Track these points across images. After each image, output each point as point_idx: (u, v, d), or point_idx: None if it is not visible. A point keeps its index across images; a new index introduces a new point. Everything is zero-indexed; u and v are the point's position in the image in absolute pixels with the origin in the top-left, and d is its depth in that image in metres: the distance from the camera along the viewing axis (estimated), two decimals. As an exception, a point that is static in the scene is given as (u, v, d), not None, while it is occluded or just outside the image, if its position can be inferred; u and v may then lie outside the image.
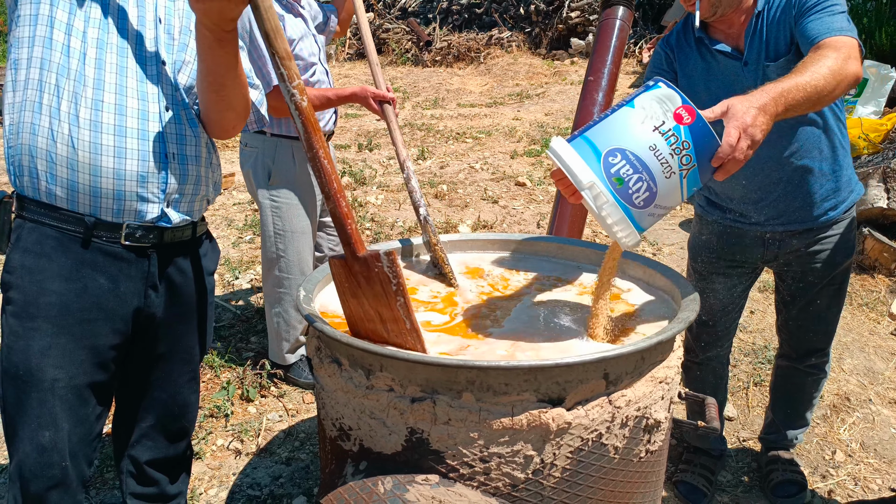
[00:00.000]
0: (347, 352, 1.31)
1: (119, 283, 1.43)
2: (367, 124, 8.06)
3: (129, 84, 1.36)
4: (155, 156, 1.38)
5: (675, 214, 5.10)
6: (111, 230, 1.39)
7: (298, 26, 2.51)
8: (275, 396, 2.81)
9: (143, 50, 1.39)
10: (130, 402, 1.64)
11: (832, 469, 2.40)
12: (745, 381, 2.94)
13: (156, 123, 1.39)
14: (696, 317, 1.34)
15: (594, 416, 1.20)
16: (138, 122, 1.37)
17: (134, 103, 1.36)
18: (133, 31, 1.37)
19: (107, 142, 1.34)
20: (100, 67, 1.33)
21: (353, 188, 5.60)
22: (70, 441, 1.41)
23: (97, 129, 1.33)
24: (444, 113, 8.57)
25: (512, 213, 5.09)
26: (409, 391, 1.22)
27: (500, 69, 10.51)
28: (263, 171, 2.59)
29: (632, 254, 1.77)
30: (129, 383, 1.61)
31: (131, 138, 1.36)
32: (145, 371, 1.60)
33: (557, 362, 1.14)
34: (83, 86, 1.32)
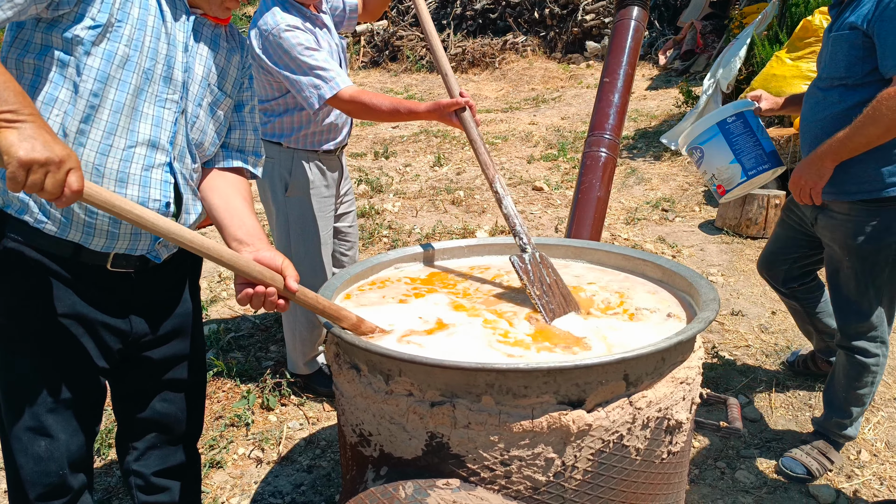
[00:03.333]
0: (366, 357, 1.32)
1: (104, 299, 1.43)
2: (382, 132, 8.11)
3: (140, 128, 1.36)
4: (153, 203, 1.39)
5: (695, 216, 5.06)
6: (98, 257, 1.40)
7: (324, 39, 2.51)
8: (295, 405, 2.83)
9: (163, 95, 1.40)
10: (131, 417, 1.63)
11: (857, 469, 2.37)
12: (767, 382, 2.91)
13: (159, 171, 1.40)
14: (716, 316, 1.33)
15: (615, 417, 1.20)
16: (142, 168, 1.37)
17: (142, 150, 1.37)
18: (154, 75, 1.37)
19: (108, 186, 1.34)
20: (116, 110, 1.33)
21: (370, 196, 5.64)
22: (69, 450, 1.44)
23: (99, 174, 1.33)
24: (459, 119, 8.57)
25: (530, 218, 5.09)
26: (429, 395, 1.23)
27: (516, 74, 10.52)
28: (280, 183, 2.61)
29: (650, 255, 1.77)
30: (128, 397, 1.61)
31: (132, 185, 1.36)
32: (143, 384, 1.60)
33: (577, 364, 1.14)
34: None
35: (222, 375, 2.97)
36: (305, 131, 2.55)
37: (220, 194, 1.52)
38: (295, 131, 2.55)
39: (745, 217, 4.57)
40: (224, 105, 1.53)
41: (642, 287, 1.71)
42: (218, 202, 1.51)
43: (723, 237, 4.62)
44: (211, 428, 2.66)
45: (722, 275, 4.05)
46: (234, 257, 1.27)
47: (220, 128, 1.54)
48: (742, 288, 3.87)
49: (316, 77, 2.30)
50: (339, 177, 2.77)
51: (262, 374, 2.94)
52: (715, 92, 6.24)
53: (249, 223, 1.46)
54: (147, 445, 1.65)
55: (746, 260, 4.25)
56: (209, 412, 2.75)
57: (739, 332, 3.36)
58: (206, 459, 2.45)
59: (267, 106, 2.56)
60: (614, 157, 2.44)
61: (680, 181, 5.79)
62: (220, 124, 1.54)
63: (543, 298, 1.59)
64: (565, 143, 7.00)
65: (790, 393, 2.83)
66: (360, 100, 2.28)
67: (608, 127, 2.44)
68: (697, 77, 8.41)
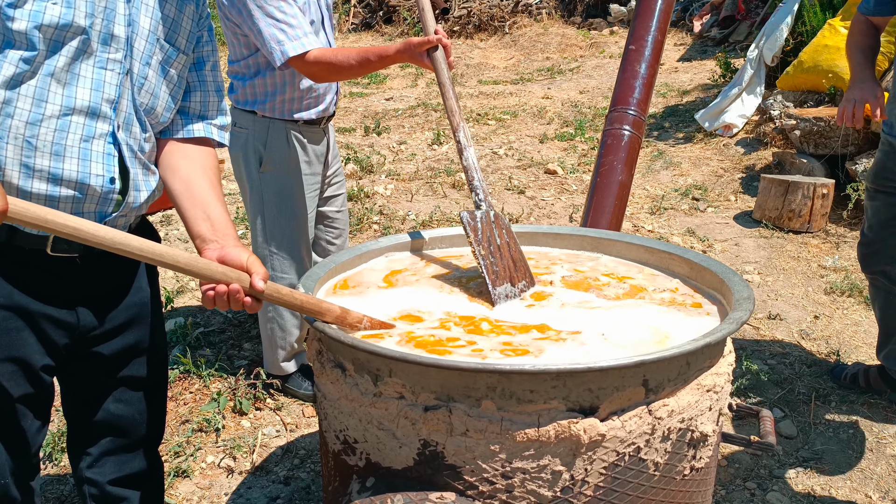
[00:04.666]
0: (352, 355, 1.34)
1: (47, 288, 1.43)
2: (374, 104, 8.11)
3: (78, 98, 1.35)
4: (96, 178, 1.39)
5: (730, 206, 5.08)
6: (35, 241, 1.40)
7: None
8: (271, 409, 2.85)
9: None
10: (83, 419, 1.64)
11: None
12: (806, 394, 2.93)
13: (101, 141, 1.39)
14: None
15: (631, 427, 1.22)
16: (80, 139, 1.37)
17: (80, 118, 1.36)
18: (92, 32, 1.36)
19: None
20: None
21: (359, 177, 5.65)
22: (10, 457, 1.45)
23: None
24: (462, 91, 8.59)
25: (541, 205, 5.10)
26: (422, 398, 1.25)
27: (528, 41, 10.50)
28: (254, 156, 2.61)
29: (678, 248, 1.79)
30: (78, 397, 1.62)
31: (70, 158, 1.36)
32: (94, 382, 1.60)
33: (590, 366, 1.16)
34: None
35: (190, 375, 2.99)
36: (282, 97, 2.56)
37: (182, 177, 1.51)
38: (269, 97, 2.55)
39: (788, 208, 4.59)
40: (178, 63, 1.51)
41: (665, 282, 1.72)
42: (179, 188, 1.50)
43: (761, 231, 4.64)
44: (176, 433, 2.68)
45: (759, 273, 4.07)
46: (192, 261, 1.25)
47: (175, 90, 1.52)
48: (781, 289, 3.89)
49: (281, 32, 2.32)
50: (324, 152, 2.78)
51: (235, 375, 2.97)
52: (758, 65, 6.24)
53: (215, 214, 1.46)
54: (102, 451, 1.66)
55: (787, 257, 4.27)
56: (175, 415, 2.77)
57: (777, 338, 3.39)
58: (171, 468, 2.47)
59: (237, 68, 2.58)
60: (639, 137, 2.45)
61: (714, 166, 5.80)
62: (175, 85, 1.52)
63: (488, 259, 1.65)
64: (583, 121, 7.01)
65: (833, 408, 2.85)
66: (324, 59, 2.33)
67: (633, 101, 2.44)
68: (738, 47, 8.40)
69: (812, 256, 4.28)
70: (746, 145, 5.97)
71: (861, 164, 4.68)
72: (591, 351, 1.33)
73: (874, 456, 2.59)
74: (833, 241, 4.46)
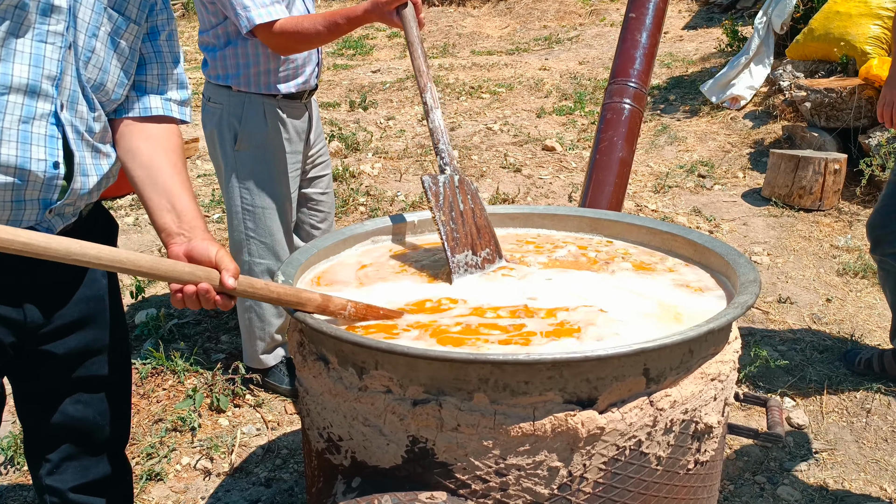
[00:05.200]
0: (336, 346, 1.34)
1: None
2: (360, 76, 8.06)
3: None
4: (38, 162, 1.34)
5: (738, 184, 5.09)
6: None
7: None
8: (251, 406, 2.85)
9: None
10: (40, 423, 1.61)
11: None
12: (818, 381, 2.95)
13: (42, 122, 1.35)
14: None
15: (632, 419, 1.23)
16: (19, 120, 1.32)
17: (18, 97, 1.31)
18: (28, 4, 1.31)
19: None
20: None
21: (344, 156, 5.63)
22: None
23: None
24: (454, 62, 8.55)
25: (538, 184, 5.10)
26: (410, 392, 1.25)
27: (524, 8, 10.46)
28: (229, 132, 2.60)
29: (682, 228, 1.79)
30: (33, 400, 1.59)
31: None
32: (49, 383, 1.58)
33: (587, 355, 1.16)
34: None
35: (163, 370, 2.99)
36: (256, 69, 2.54)
37: (143, 162, 1.47)
38: (242, 69, 2.54)
39: (798, 185, 4.60)
40: (129, 33, 1.46)
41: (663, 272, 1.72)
42: (140, 175, 1.46)
43: (771, 209, 4.65)
44: (149, 433, 2.68)
45: (768, 254, 4.09)
46: (155, 264, 1.22)
47: (128, 63, 1.48)
48: (792, 270, 3.91)
49: None
50: (306, 129, 2.77)
51: (212, 369, 2.97)
52: (767, 33, 6.23)
53: (181, 204, 1.43)
54: (62, 456, 1.63)
55: (798, 237, 4.29)
56: (147, 414, 2.77)
57: (787, 323, 3.41)
58: (143, 470, 2.48)
59: (207, 38, 2.56)
60: (640, 111, 2.45)
61: (721, 141, 5.80)
62: (127, 58, 1.47)
63: (448, 225, 1.67)
64: (583, 94, 6.99)
65: (845, 396, 2.87)
66: (289, 29, 2.34)
67: (634, 73, 2.44)
68: (745, 14, 8.39)
69: (824, 236, 4.30)
70: (755, 118, 5.98)
71: (875, 138, 4.69)
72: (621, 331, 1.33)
73: (890, 446, 2.62)
74: (846, 219, 4.48)
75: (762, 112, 6.00)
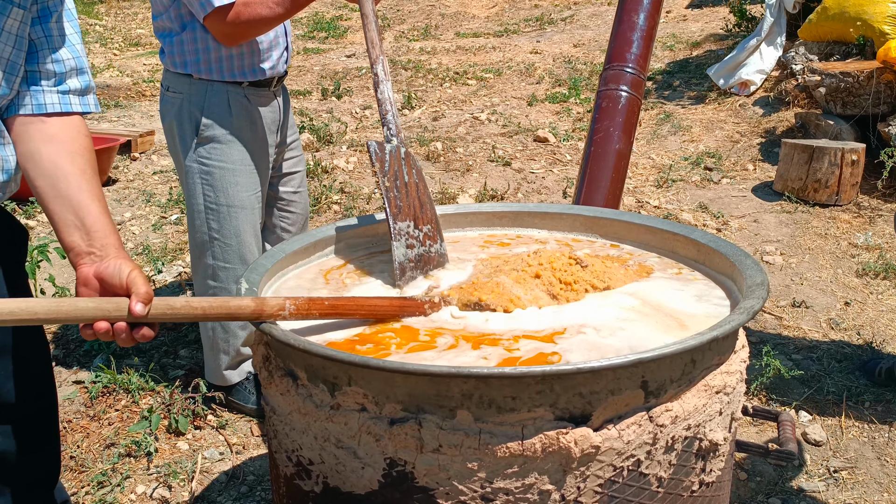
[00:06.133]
0: (305, 361, 1.34)
1: None
2: (332, 62, 8.06)
3: None
4: None
5: (748, 177, 5.13)
6: None
7: None
8: (213, 428, 2.84)
9: None
10: None
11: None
12: (836, 393, 2.98)
13: None
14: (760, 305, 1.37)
15: (630, 437, 1.24)
16: None
17: None
18: None
19: None
20: None
21: (316, 149, 5.63)
22: None
23: None
24: (437, 46, 8.56)
25: (529, 179, 5.12)
26: (387, 410, 1.25)
27: (512, -15, 10.49)
28: (190, 124, 2.60)
29: (683, 227, 1.80)
30: None
31: None
32: None
33: (580, 367, 1.17)
34: None
35: (115, 389, 2.98)
36: (217, 53, 2.55)
37: (45, 170, 1.41)
38: (202, 54, 2.55)
39: (813, 178, 4.65)
40: (13, 18, 1.40)
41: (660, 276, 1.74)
42: (43, 185, 1.40)
43: (783, 204, 4.69)
44: (100, 459, 2.67)
45: (781, 254, 4.13)
46: (53, 309, 1.16)
47: (14, 52, 1.43)
48: (807, 271, 3.95)
49: None
50: (277, 119, 2.78)
51: (170, 388, 2.95)
52: (778, 13, 6.29)
53: (90, 219, 1.37)
54: None
55: (814, 234, 4.33)
56: (97, 438, 2.76)
57: (801, 329, 3.44)
58: (94, 501, 2.46)
59: (162, 23, 2.57)
60: (638, 98, 2.47)
61: (729, 130, 5.85)
62: (12, 47, 1.42)
63: (392, 192, 1.74)
64: (578, 80, 7.03)
65: (866, 408, 2.91)
66: (244, 17, 2.36)
67: (630, 57, 2.45)
68: (754, -9, 8.44)
69: (841, 233, 4.35)
70: (766, 105, 6.03)
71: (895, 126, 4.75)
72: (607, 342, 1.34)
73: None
74: (865, 215, 4.53)
75: (773, 98, 6.06)
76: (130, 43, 10.13)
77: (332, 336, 1.45)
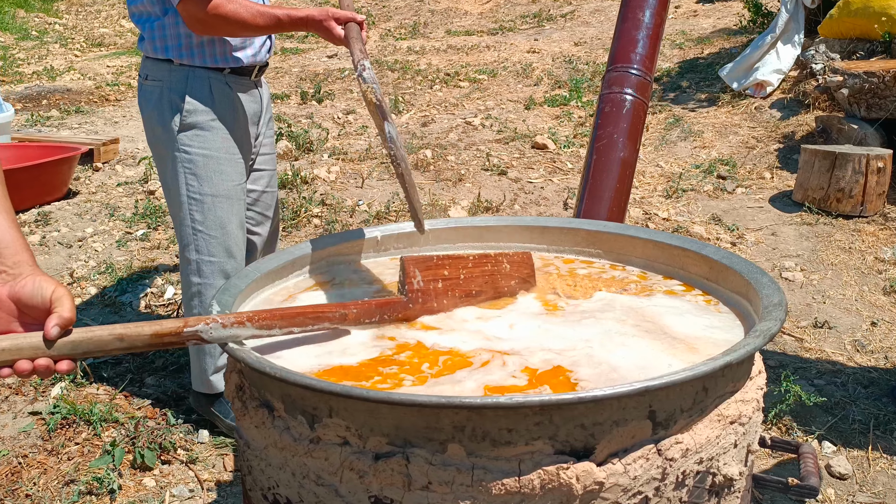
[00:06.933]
0: (281, 390, 1.34)
1: None
2: (313, 63, 8.08)
3: None
4: None
5: (765, 186, 5.15)
6: None
7: None
8: (182, 462, 2.83)
9: None
10: None
11: None
12: (862, 422, 2.98)
13: None
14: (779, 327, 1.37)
15: (637, 472, 1.23)
16: None
17: None
18: None
19: None
20: None
21: (295, 157, 5.63)
22: None
23: None
24: (427, 45, 8.60)
25: (527, 189, 5.13)
26: (372, 444, 1.25)
27: (508, -21, 10.55)
28: (171, 112, 2.67)
29: (696, 242, 1.81)
30: None
31: None
32: None
33: (581, 396, 1.17)
34: None
35: (75, 421, 2.96)
36: (199, 38, 2.63)
37: None
38: (185, 38, 2.62)
39: (836, 187, 4.67)
40: None
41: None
42: None
43: (804, 216, 4.71)
44: (58, 497, 2.66)
45: (801, 270, 4.14)
46: None
47: None
48: (830, 289, 3.96)
49: None
50: (258, 110, 2.88)
51: (135, 419, 2.94)
52: (796, 8, 6.34)
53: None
54: None
55: (837, 248, 4.35)
56: (55, 474, 2.74)
57: (824, 352, 3.45)
58: (52, 544, 2.45)
59: (140, 7, 2.65)
60: (645, 102, 2.48)
61: (744, 135, 5.89)
62: None
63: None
64: (580, 81, 7.06)
65: (895, 439, 2.91)
66: (221, 10, 2.43)
67: (636, 58, 2.47)
68: (770, -15, 8.51)
69: (867, 247, 4.37)
70: (783, 108, 6.07)
71: (925, 130, 4.78)
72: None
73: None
74: (893, 227, 4.55)
75: (792, 101, 6.10)
76: (93, 43, 10.15)
77: (340, 361, 1.45)
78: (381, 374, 1.40)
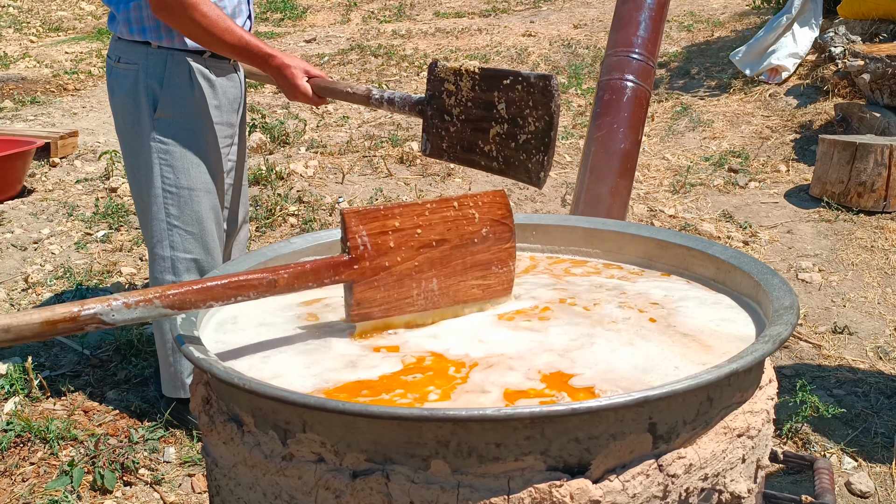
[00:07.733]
0: (251, 403, 1.34)
1: None
2: (289, 48, 8.07)
3: None
4: None
5: (780, 179, 5.17)
6: None
7: None
8: (146, 483, 2.83)
9: None
10: None
11: None
12: (885, 434, 2.99)
13: None
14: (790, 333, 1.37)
15: (636, 489, 1.24)
16: None
17: None
18: None
19: None
20: None
21: (269, 151, 5.63)
22: None
23: None
24: (413, 28, 8.60)
25: (521, 184, 5.13)
26: (349, 461, 1.25)
27: (502, -44, 10.56)
28: (147, 98, 2.67)
29: (702, 241, 1.81)
30: None
31: None
32: None
33: (575, 408, 1.17)
34: None
35: (30, 439, 2.95)
36: None
37: None
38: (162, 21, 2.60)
39: (856, 181, 4.69)
40: None
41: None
42: None
43: (822, 212, 4.73)
44: (12, 523, 2.65)
45: (819, 270, 4.15)
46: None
47: None
48: (850, 291, 3.97)
49: None
50: (238, 96, 2.90)
51: (95, 437, 2.93)
52: (811, -14, 6.35)
53: None
54: None
55: (858, 247, 4.36)
56: (9, 496, 2.73)
57: (845, 359, 3.46)
58: (4, 573, 2.44)
59: None
60: (647, 89, 2.48)
61: (757, 124, 5.90)
62: None
63: None
64: (579, 67, 7.07)
65: (920, 451, 2.92)
66: (198, 11, 2.44)
67: (637, 41, 2.47)
68: (785, -38, 8.54)
69: (890, 245, 4.38)
70: (800, 95, 6.09)
71: (953, 118, 4.80)
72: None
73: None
74: (918, 223, 4.56)
75: (809, 87, 6.12)
76: (50, 28, 10.12)
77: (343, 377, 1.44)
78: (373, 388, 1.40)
